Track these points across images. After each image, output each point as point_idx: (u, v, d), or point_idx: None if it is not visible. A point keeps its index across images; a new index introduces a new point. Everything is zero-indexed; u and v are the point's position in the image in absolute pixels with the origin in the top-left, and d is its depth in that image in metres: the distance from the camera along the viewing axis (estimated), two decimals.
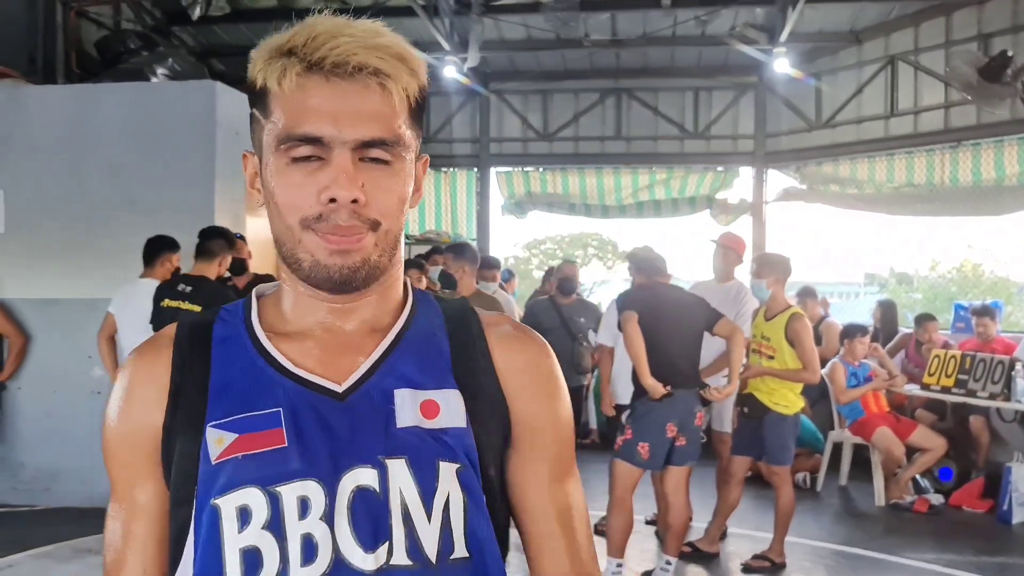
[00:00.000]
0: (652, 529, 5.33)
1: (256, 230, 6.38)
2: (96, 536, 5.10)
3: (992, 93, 5.93)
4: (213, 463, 0.87)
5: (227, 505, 0.86)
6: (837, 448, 6.69)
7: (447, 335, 0.98)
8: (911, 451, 6.23)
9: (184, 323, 0.98)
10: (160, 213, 5.70)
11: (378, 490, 0.87)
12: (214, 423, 0.89)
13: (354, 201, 0.86)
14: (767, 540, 4.85)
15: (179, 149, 5.82)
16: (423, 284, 5.43)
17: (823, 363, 6.18)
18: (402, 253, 0.97)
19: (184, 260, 5.21)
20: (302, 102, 0.87)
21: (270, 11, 8.97)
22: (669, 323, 4.28)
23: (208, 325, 0.97)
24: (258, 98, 0.91)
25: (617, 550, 4.28)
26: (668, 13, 8.52)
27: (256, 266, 5.77)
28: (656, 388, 4.12)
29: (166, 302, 4.69)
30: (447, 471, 0.90)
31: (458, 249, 4.95)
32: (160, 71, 6.54)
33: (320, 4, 8.73)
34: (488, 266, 6.43)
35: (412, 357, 0.95)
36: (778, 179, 10.07)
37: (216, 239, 4.83)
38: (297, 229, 0.89)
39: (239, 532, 0.85)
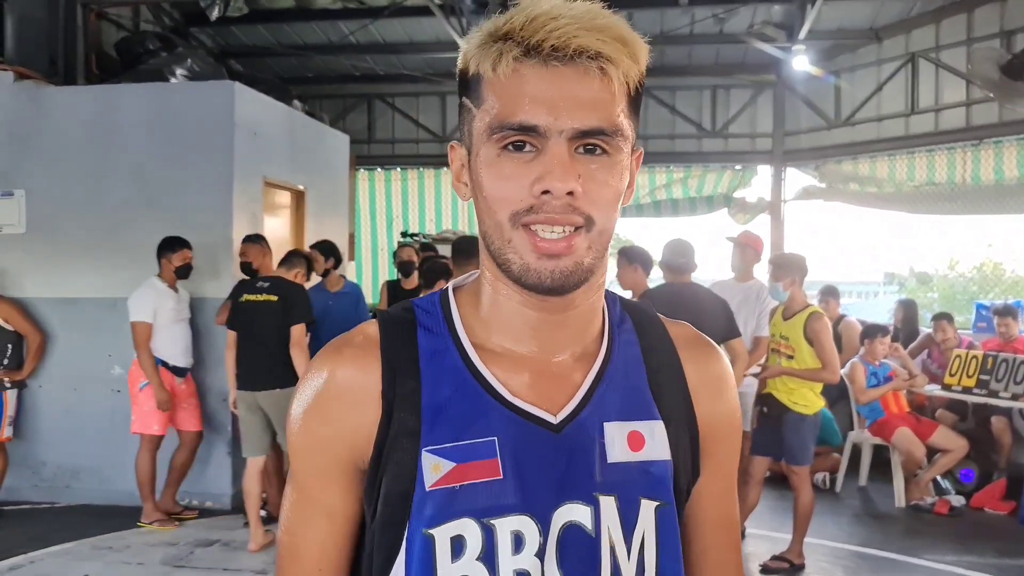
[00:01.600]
0: None
1: (273, 228, 6.42)
2: (116, 533, 5.15)
3: (1015, 90, 5.86)
4: (428, 489, 0.85)
5: (441, 535, 0.84)
6: (857, 449, 6.63)
7: (643, 357, 0.96)
8: (932, 452, 6.17)
9: (387, 324, 0.93)
10: (179, 213, 5.74)
11: (590, 528, 0.86)
12: (430, 448, 0.86)
13: (569, 193, 0.82)
14: (786, 541, 4.81)
15: (198, 149, 5.85)
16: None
17: (843, 364, 6.14)
18: (608, 255, 0.93)
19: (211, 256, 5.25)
20: (518, 88, 0.82)
21: (287, 11, 9.01)
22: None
23: (411, 330, 0.92)
24: (470, 85, 0.87)
25: None
26: (686, 11, 8.49)
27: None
28: None
29: (245, 297, 4.94)
30: (647, 509, 0.89)
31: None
32: (179, 72, 6.56)
33: (337, 4, 8.79)
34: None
35: (618, 385, 0.93)
36: (797, 177, 10.01)
37: (299, 257, 5.26)
38: (507, 226, 0.84)
39: (452, 562, 0.84)
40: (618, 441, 0.89)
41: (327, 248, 6.04)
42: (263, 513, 5.07)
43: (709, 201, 10.21)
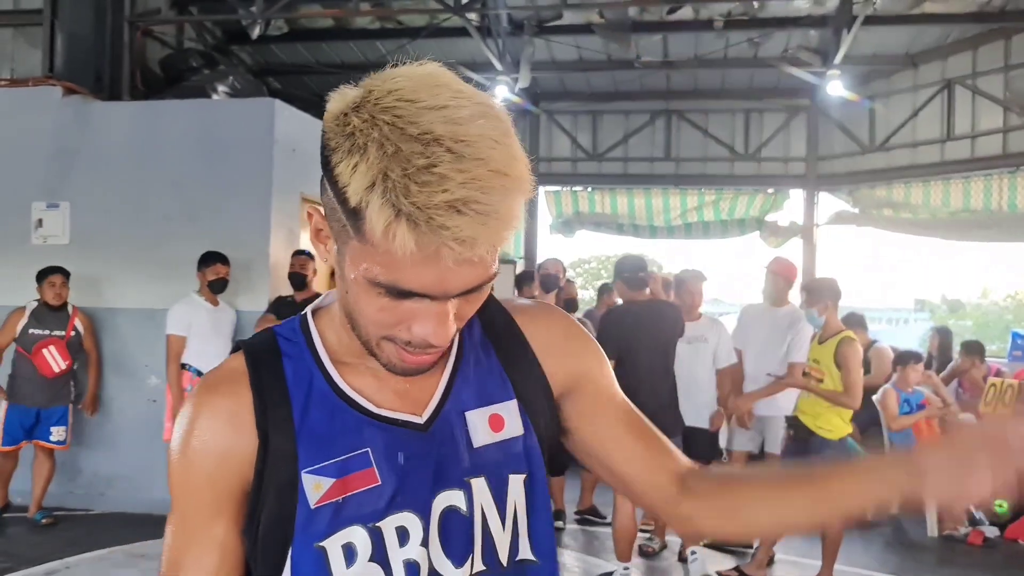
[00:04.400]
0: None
1: (308, 244, 6.50)
2: (150, 541, 5.22)
3: None
4: (313, 507, 0.90)
5: (332, 545, 0.90)
6: None
7: (489, 338, 1.02)
8: None
9: (252, 356, 0.96)
10: (218, 227, 5.85)
11: (464, 509, 0.94)
12: (309, 470, 0.91)
13: None
14: (815, 568, 4.77)
15: (238, 165, 5.96)
16: None
17: (873, 390, 6.09)
18: None
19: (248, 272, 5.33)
20: (404, 257, 0.77)
21: (326, 31, 9.17)
22: (645, 352, 4.43)
23: (276, 358, 0.96)
24: (349, 210, 0.80)
25: (624, 554, 4.48)
26: (720, 35, 8.52)
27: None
28: None
29: None
30: (515, 483, 0.97)
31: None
32: (221, 88, 6.71)
33: (375, 24, 8.92)
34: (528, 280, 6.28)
35: (472, 373, 0.99)
36: (830, 202, 9.97)
37: None
38: (376, 337, 0.87)
39: (347, 568, 0.90)
40: (480, 426, 0.96)
41: None
42: None
43: (741, 224, 10.20)
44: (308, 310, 1.01)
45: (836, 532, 4.63)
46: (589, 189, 10.71)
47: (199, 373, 5.44)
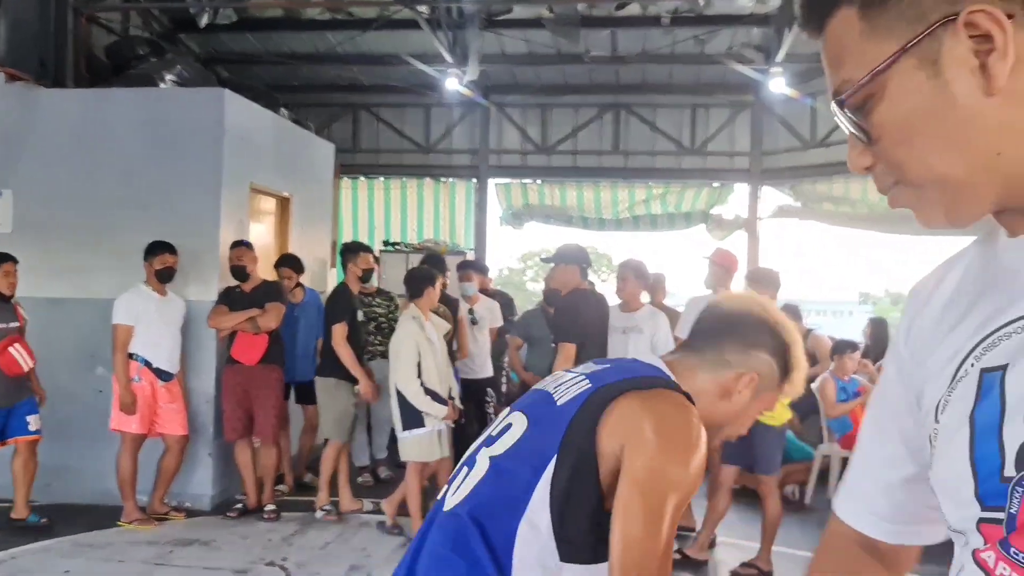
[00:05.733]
0: None
1: (258, 234, 6.51)
2: (96, 532, 5.20)
3: None
4: None
5: None
6: (826, 461, 6.79)
7: None
8: None
9: None
10: (167, 217, 5.82)
11: None
12: None
13: None
14: (755, 549, 4.95)
15: (187, 154, 5.93)
16: (437, 292, 5.48)
17: (812, 378, 6.31)
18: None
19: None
20: None
21: (276, 20, 9.12)
22: (597, 338, 4.59)
23: None
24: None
25: None
26: (667, 31, 8.69)
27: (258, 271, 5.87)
28: None
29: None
30: None
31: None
32: (168, 77, 6.64)
33: (325, 15, 8.90)
34: (464, 268, 6.84)
35: None
36: (773, 196, 10.23)
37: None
38: None
39: None
40: None
41: (296, 263, 6.32)
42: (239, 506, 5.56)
43: (687, 217, 10.41)
44: None
45: (774, 514, 4.81)
46: (538, 182, 10.82)
47: (147, 363, 5.42)
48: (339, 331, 5.47)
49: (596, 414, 1.26)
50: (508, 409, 1.45)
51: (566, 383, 1.37)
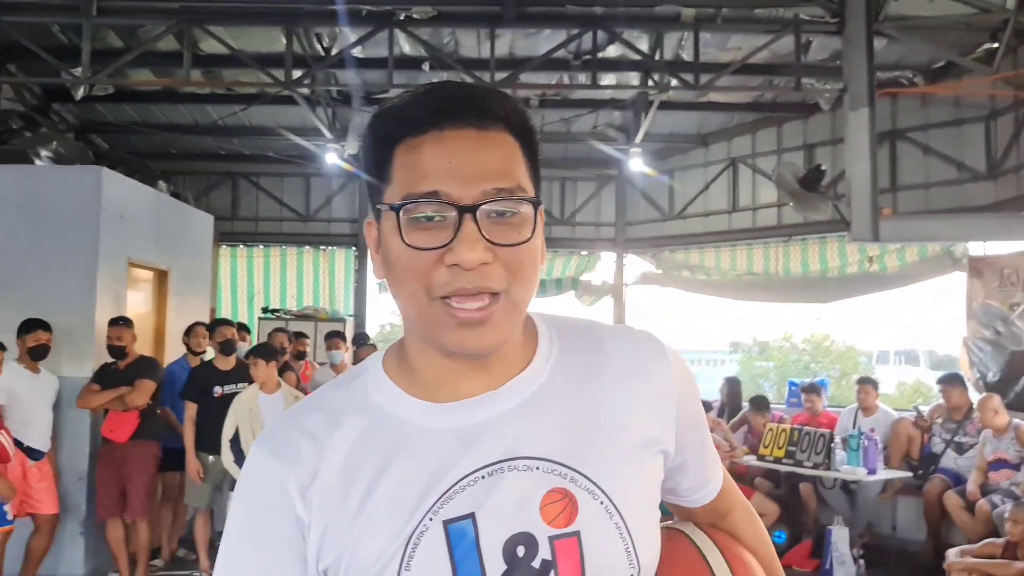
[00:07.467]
0: None
1: (135, 306, 6.55)
2: None
3: (810, 200, 6.85)
4: None
5: None
6: None
7: None
8: None
9: None
10: (41, 295, 5.81)
11: None
12: None
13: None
14: None
15: (63, 232, 5.96)
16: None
17: None
18: None
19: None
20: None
21: (155, 93, 9.19)
22: None
23: None
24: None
25: None
26: (536, 112, 9.28)
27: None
28: None
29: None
30: None
31: None
32: (44, 153, 6.68)
33: (205, 89, 9.06)
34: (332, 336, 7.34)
35: None
36: (637, 263, 10.91)
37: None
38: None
39: None
40: None
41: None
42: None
43: (558, 284, 10.96)
44: None
45: None
46: None
47: (18, 443, 5.37)
48: (189, 409, 5.68)
49: None
50: None
51: None
